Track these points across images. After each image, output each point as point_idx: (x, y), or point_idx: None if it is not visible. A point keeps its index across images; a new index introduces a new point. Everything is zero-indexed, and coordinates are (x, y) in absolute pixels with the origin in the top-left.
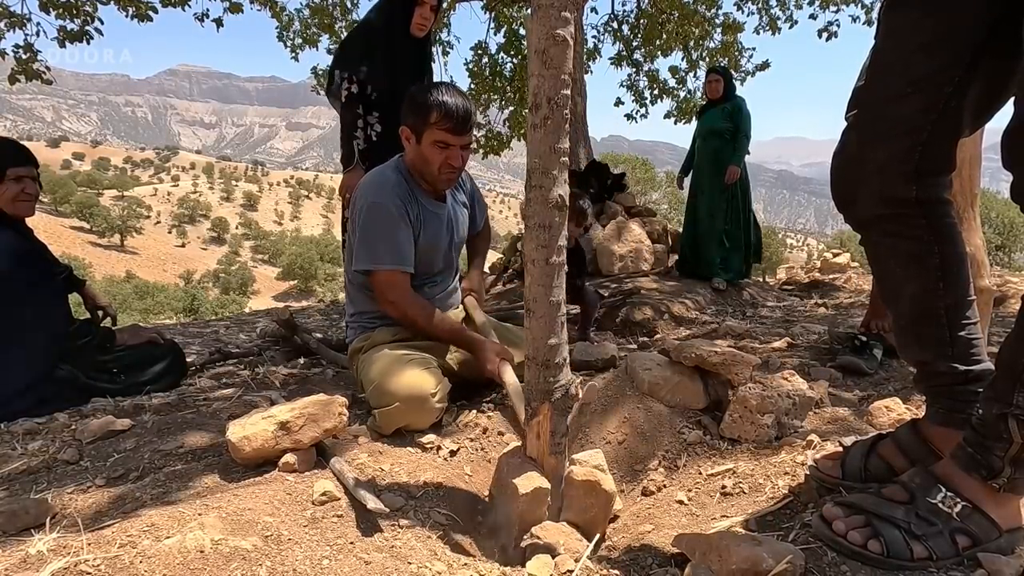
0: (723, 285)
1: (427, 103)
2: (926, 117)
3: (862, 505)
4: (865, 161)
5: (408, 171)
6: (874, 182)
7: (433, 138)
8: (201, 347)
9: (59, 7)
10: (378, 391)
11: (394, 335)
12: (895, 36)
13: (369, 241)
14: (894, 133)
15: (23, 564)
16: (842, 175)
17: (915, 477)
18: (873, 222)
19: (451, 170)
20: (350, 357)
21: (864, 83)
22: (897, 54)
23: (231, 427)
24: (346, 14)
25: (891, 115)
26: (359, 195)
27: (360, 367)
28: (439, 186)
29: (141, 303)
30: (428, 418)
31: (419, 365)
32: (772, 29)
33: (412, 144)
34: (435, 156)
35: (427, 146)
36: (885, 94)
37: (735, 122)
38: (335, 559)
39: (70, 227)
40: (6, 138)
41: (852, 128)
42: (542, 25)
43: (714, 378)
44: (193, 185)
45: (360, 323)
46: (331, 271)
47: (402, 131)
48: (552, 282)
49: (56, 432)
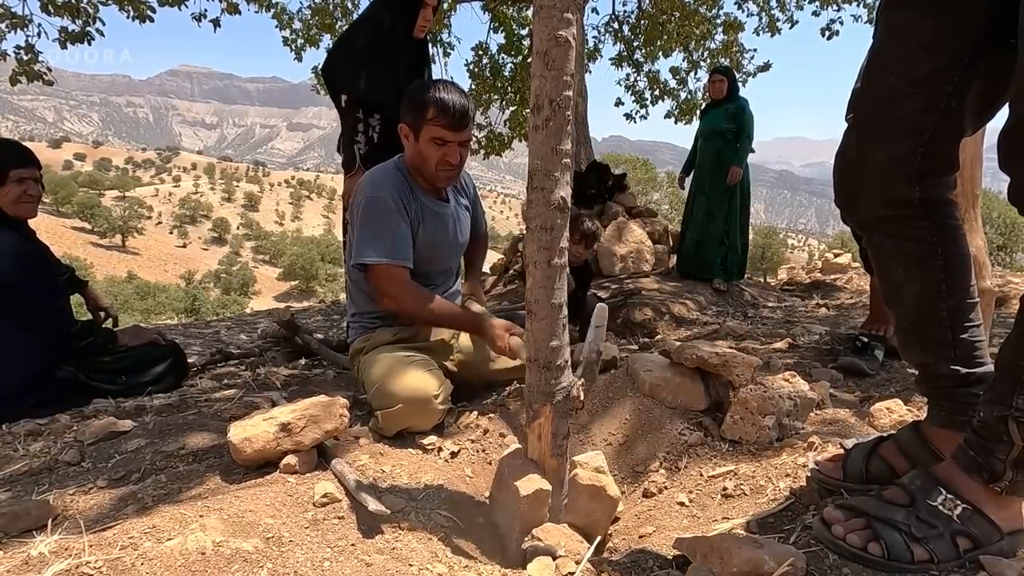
0: (724, 286)
1: (424, 99)
2: (927, 117)
3: (862, 508)
4: (866, 163)
5: (408, 169)
6: (876, 183)
7: (430, 134)
8: (202, 348)
9: (60, 8)
10: (380, 392)
11: (395, 335)
12: (894, 36)
13: (366, 235)
14: (894, 134)
15: (25, 566)
16: (844, 177)
17: (915, 479)
18: (875, 223)
19: (449, 167)
20: (351, 358)
21: (863, 84)
22: (896, 54)
23: (232, 428)
24: (347, 15)
25: (891, 116)
26: (358, 191)
27: (361, 368)
28: (437, 183)
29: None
30: (430, 420)
31: (421, 367)
32: (772, 31)
33: (410, 141)
34: (432, 153)
35: (424, 143)
36: (885, 95)
37: (738, 123)
38: (336, 561)
39: (72, 228)
40: (8, 140)
41: (853, 129)
42: (544, 26)
43: (715, 379)
44: (194, 185)
45: (361, 323)
46: (332, 271)
47: (400, 128)
48: (554, 284)
49: (58, 433)
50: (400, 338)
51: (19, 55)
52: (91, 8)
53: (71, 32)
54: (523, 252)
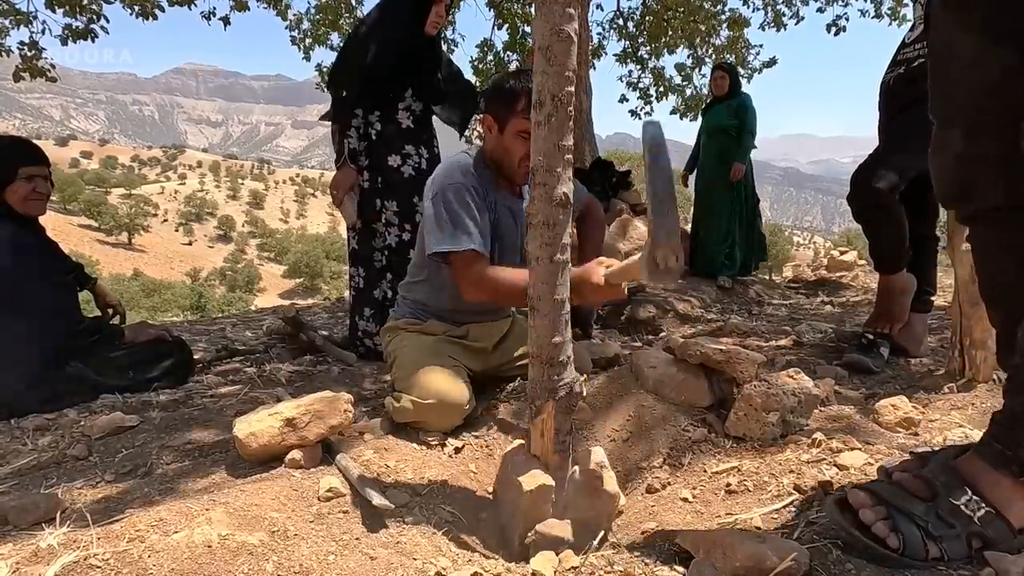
0: (728, 283)
1: (515, 89)
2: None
3: (883, 495)
4: (976, 156)
5: (485, 162)
6: (991, 175)
7: (518, 128)
8: (208, 344)
9: (64, 4)
10: (416, 381)
11: (444, 331)
12: (981, 26)
13: (444, 223)
14: (1003, 123)
15: (34, 557)
16: (949, 174)
17: (939, 474)
18: (986, 215)
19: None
20: (388, 330)
21: (948, 76)
22: (980, 46)
23: (238, 424)
24: (351, 11)
25: (994, 105)
26: (432, 180)
27: (398, 343)
28: (517, 179)
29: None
30: (450, 425)
31: (459, 375)
32: (777, 26)
33: (494, 134)
34: (518, 147)
35: (510, 136)
36: (982, 84)
37: (740, 119)
38: (341, 554)
39: (78, 225)
40: (19, 138)
41: (949, 123)
42: (545, 22)
43: (719, 376)
44: (200, 183)
45: (412, 308)
46: (337, 269)
47: (484, 119)
48: (556, 280)
49: (65, 428)
50: (450, 334)
51: (23, 51)
52: (95, 5)
53: (75, 29)
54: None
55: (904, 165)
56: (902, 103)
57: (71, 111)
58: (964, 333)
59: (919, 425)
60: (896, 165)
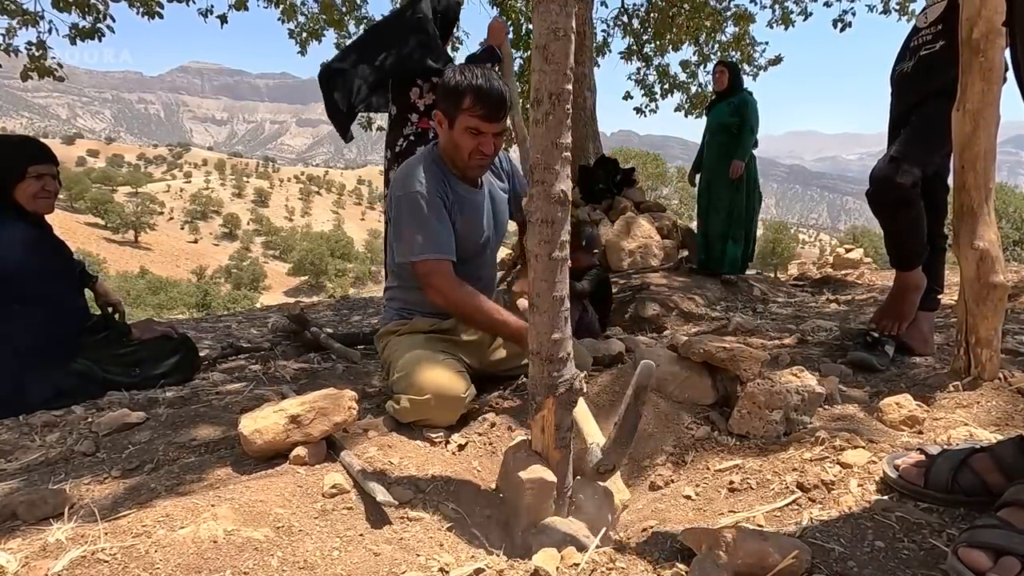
0: (733, 278)
1: (460, 87)
2: None
3: (994, 542)
4: None
5: (441, 157)
6: None
7: (465, 124)
8: (213, 342)
9: (71, 4)
10: (410, 380)
11: (431, 326)
12: None
13: (406, 232)
14: None
15: (43, 552)
16: None
17: None
18: None
19: (482, 157)
20: (380, 337)
21: None
22: None
23: (243, 420)
24: (353, 10)
25: None
26: (393, 187)
27: (390, 348)
28: (469, 173)
29: (154, 298)
30: (452, 417)
31: (452, 367)
32: (785, 23)
33: (444, 129)
34: (466, 143)
35: (459, 132)
36: None
37: (741, 116)
38: (345, 550)
39: (85, 223)
40: (29, 137)
41: None
42: (543, 20)
43: (723, 374)
44: (205, 181)
45: (397, 310)
46: (341, 266)
47: (435, 115)
48: (555, 277)
49: (73, 424)
50: (437, 328)
51: (30, 51)
52: (101, 4)
53: (81, 28)
54: (524, 245)
55: (926, 161)
56: (920, 95)
57: (77, 110)
58: (969, 331)
59: (923, 423)
60: (920, 160)
